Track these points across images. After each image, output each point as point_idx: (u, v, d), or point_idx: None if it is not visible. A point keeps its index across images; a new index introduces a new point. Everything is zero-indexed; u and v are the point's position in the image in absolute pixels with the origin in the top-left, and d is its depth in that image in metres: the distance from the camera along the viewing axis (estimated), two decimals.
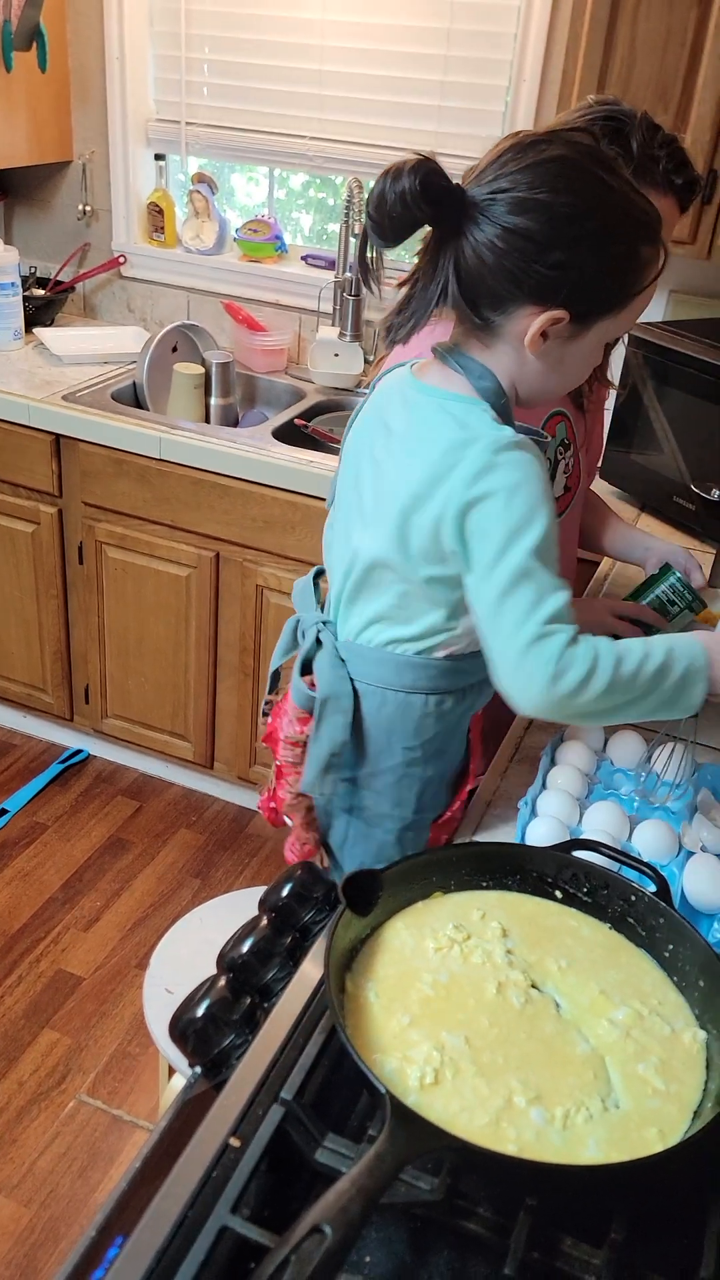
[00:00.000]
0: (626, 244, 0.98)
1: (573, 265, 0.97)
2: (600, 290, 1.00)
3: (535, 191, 0.96)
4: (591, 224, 0.96)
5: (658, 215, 0.99)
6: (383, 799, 1.27)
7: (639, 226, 0.98)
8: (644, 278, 1.00)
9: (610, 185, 0.97)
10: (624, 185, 0.98)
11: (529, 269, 0.97)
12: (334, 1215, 0.62)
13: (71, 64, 2.78)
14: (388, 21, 2.45)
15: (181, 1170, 0.76)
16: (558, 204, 0.95)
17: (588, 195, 0.96)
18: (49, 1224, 1.82)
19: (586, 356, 1.05)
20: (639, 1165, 0.73)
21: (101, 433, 2.41)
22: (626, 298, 1.01)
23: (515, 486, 0.99)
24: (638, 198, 0.98)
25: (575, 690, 0.99)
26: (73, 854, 2.62)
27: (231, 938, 0.97)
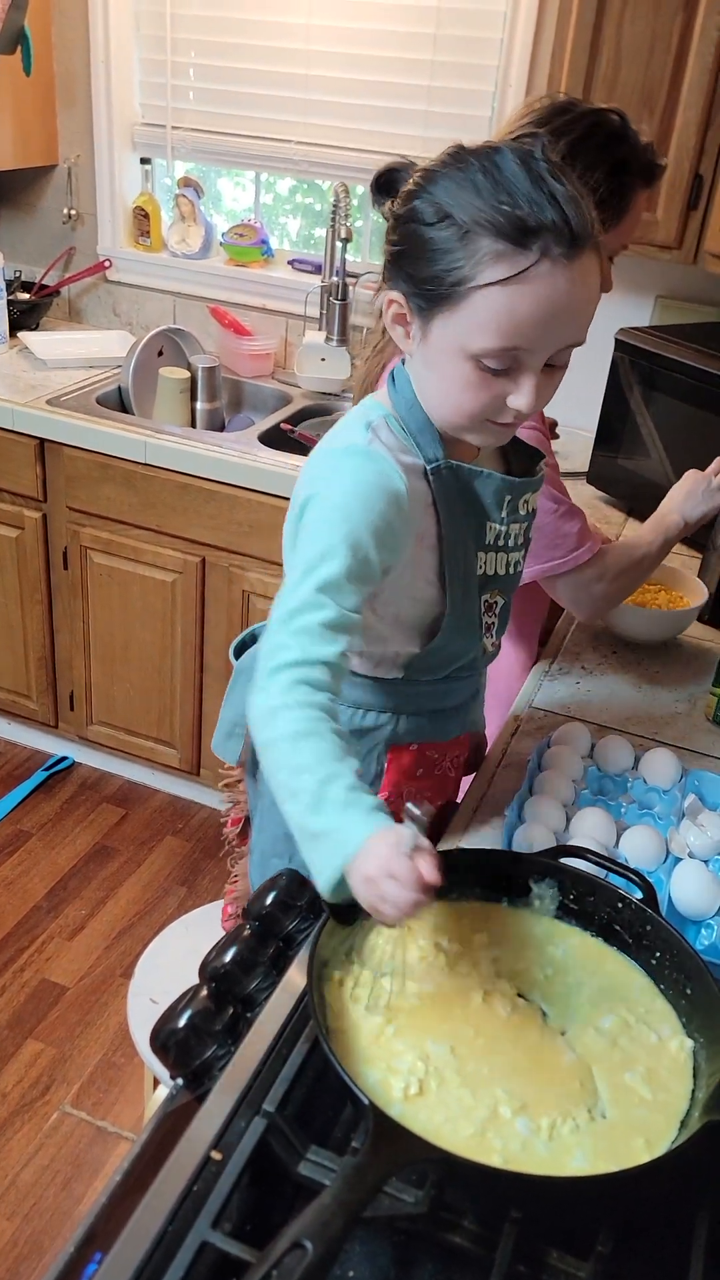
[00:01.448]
0: (462, 229, 0.87)
1: (404, 241, 0.93)
2: (423, 274, 0.91)
3: (420, 181, 0.93)
4: (432, 203, 0.90)
5: (532, 224, 0.86)
6: (265, 795, 1.29)
7: (491, 219, 0.86)
8: (478, 272, 0.87)
9: (487, 179, 0.87)
10: (508, 184, 0.87)
11: (385, 248, 0.97)
12: (315, 1230, 0.61)
13: (57, 67, 2.77)
14: (374, 26, 2.45)
15: (162, 1184, 0.75)
16: (420, 189, 0.92)
17: (453, 181, 0.89)
18: (32, 1237, 1.79)
19: (448, 367, 0.93)
20: (626, 1176, 0.72)
21: (86, 437, 2.39)
22: (456, 290, 0.89)
23: (332, 489, 0.98)
24: (510, 203, 0.86)
25: (259, 741, 0.91)
26: (57, 862, 2.60)
27: (214, 947, 0.96)
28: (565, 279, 0.88)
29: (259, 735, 0.91)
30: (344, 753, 0.88)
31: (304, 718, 0.88)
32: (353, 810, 0.84)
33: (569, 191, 0.88)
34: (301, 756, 0.87)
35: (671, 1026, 0.87)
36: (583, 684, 1.55)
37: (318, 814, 0.85)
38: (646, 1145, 0.77)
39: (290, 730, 0.88)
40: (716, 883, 1.09)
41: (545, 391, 0.95)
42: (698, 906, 1.07)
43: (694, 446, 2.00)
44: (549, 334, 0.90)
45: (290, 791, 0.87)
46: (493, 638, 1.16)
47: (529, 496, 1.12)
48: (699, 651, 1.67)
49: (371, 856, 0.81)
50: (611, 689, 1.55)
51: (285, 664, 0.91)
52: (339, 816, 0.84)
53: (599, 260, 0.92)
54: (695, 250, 1.99)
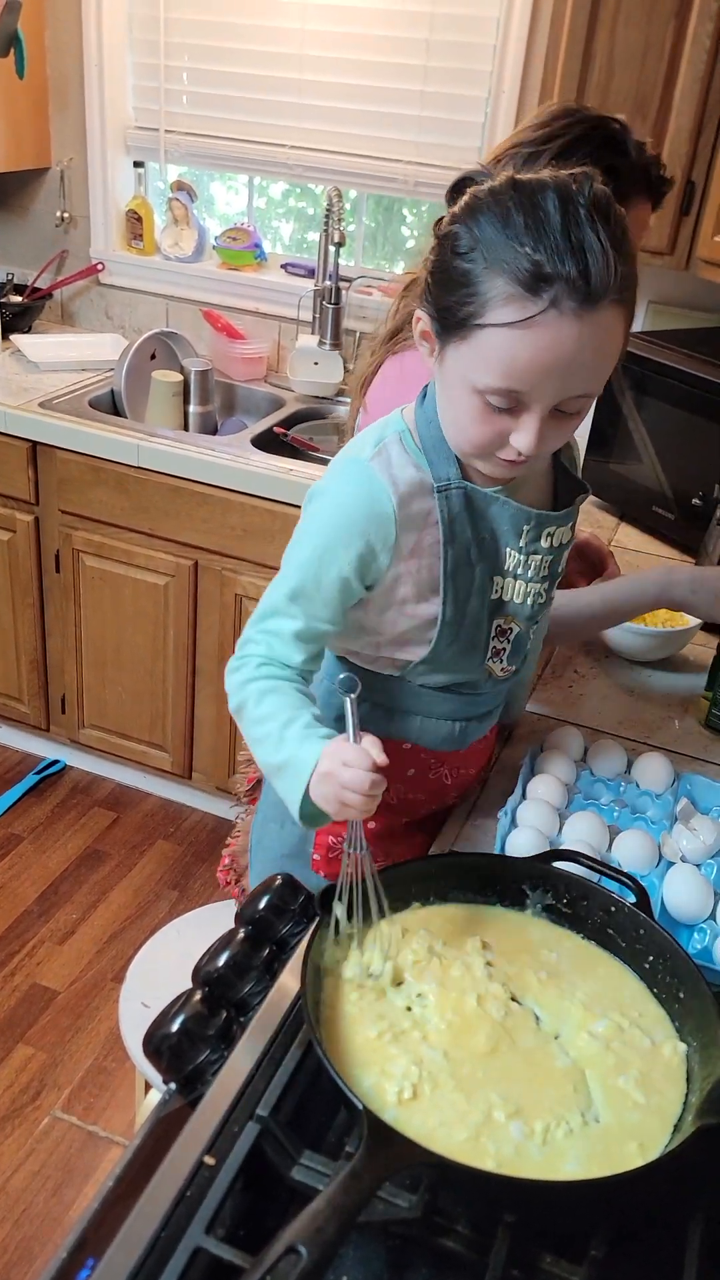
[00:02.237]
0: (483, 265, 0.87)
1: (437, 263, 0.93)
2: (443, 301, 0.91)
3: (467, 206, 0.91)
4: (468, 233, 0.89)
5: (548, 272, 0.85)
6: None
7: (511, 260, 0.85)
8: (487, 311, 0.87)
9: (521, 218, 0.86)
10: (540, 226, 0.85)
11: (424, 263, 0.96)
12: (309, 1235, 0.61)
13: (50, 71, 2.77)
14: (367, 31, 2.46)
15: (155, 1189, 0.75)
16: (464, 215, 0.90)
17: (492, 214, 0.88)
18: (23, 1243, 1.79)
19: (457, 395, 0.94)
20: (619, 1180, 0.72)
21: (79, 440, 2.39)
22: (466, 323, 0.89)
23: (325, 503, 1.04)
24: (533, 247, 0.85)
25: (232, 709, 1.07)
26: (48, 866, 2.59)
27: (207, 951, 0.96)
28: (573, 332, 0.86)
29: (232, 702, 1.06)
30: (304, 702, 1.02)
31: (269, 684, 1.03)
32: (310, 739, 0.96)
33: (600, 242, 0.85)
34: (265, 708, 1.01)
35: (665, 1031, 0.87)
36: (575, 688, 1.56)
37: (280, 749, 0.98)
38: (640, 1149, 0.77)
39: (257, 691, 1.03)
40: (709, 886, 1.10)
41: (552, 436, 0.94)
42: (690, 910, 1.07)
43: (686, 452, 2.01)
44: (551, 383, 0.89)
45: (257, 740, 1.01)
46: (502, 663, 1.13)
47: (555, 530, 1.07)
48: (691, 656, 1.68)
49: (324, 757, 0.93)
50: (604, 693, 1.55)
51: (253, 655, 1.05)
52: (297, 746, 0.97)
53: (623, 315, 0.90)
54: (687, 256, 2.00)
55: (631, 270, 0.89)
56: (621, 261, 0.87)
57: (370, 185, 2.64)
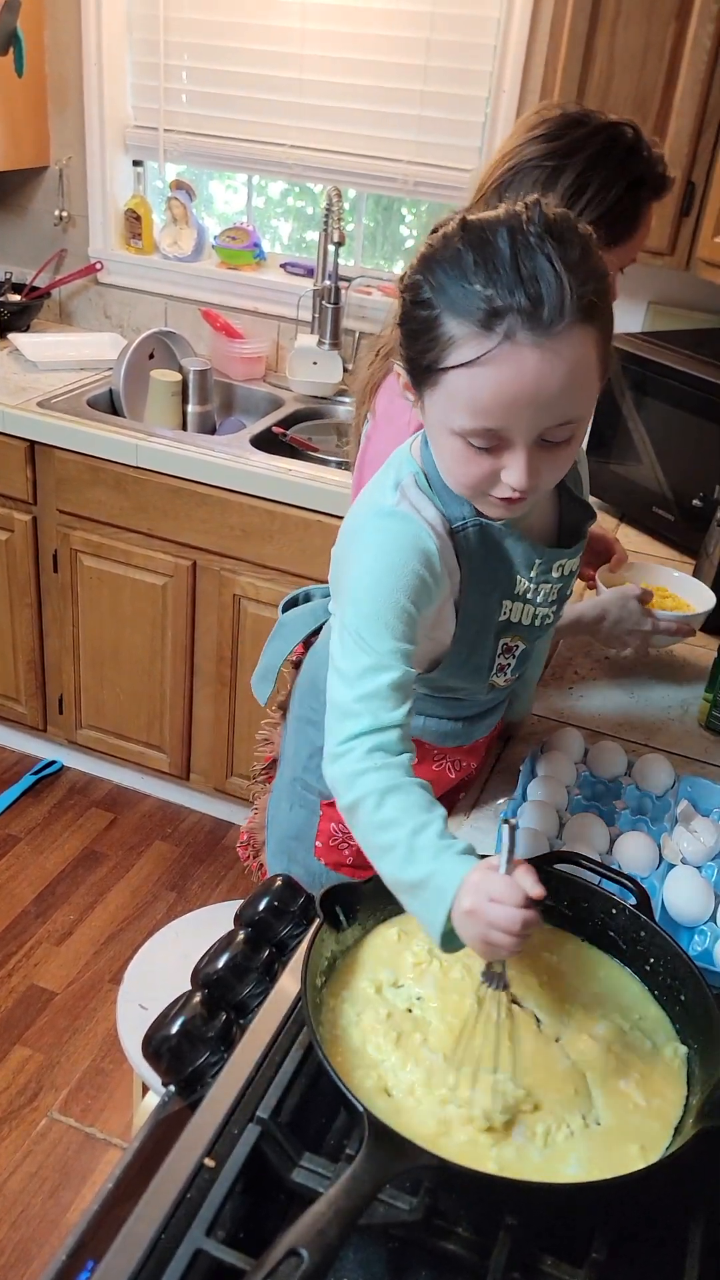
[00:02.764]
0: (436, 311, 0.87)
1: (401, 316, 0.92)
2: (410, 352, 0.91)
3: (424, 255, 0.90)
4: (423, 282, 0.88)
5: (498, 306, 0.84)
6: (290, 742, 1.39)
7: (460, 301, 0.85)
8: (445, 355, 0.87)
9: (471, 256, 0.85)
10: (489, 262, 0.84)
11: (395, 317, 0.95)
12: (311, 1238, 0.61)
13: (49, 69, 2.77)
14: (367, 31, 2.46)
15: (155, 1191, 0.75)
16: (420, 265, 0.89)
17: (444, 260, 0.87)
18: (19, 1245, 1.78)
19: (442, 440, 0.94)
20: (620, 1183, 0.72)
21: (77, 440, 2.38)
22: (431, 369, 0.89)
23: (365, 553, 0.99)
24: (484, 283, 0.84)
25: (344, 806, 0.92)
26: (46, 866, 2.59)
27: (207, 952, 0.95)
28: (534, 361, 0.85)
29: (343, 800, 0.91)
30: (430, 803, 0.87)
31: (387, 776, 0.88)
32: (446, 854, 0.83)
33: (553, 265, 0.84)
34: (387, 812, 0.87)
35: (665, 1033, 0.87)
36: (575, 689, 1.55)
37: (411, 865, 0.84)
38: (641, 1152, 0.77)
39: (375, 788, 0.88)
40: (710, 888, 1.09)
41: (545, 468, 0.92)
42: (691, 912, 1.07)
43: (686, 453, 2.01)
44: (524, 415, 0.88)
45: (381, 849, 0.87)
46: (505, 676, 1.14)
47: (564, 562, 1.08)
48: (691, 657, 1.67)
49: (468, 888, 0.80)
50: (604, 694, 1.55)
51: (359, 733, 0.91)
52: (433, 863, 0.83)
53: (592, 335, 0.88)
54: (687, 256, 2.00)
55: (597, 287, 0.87)
56: (580, 282, 0.84)
57: (369, 185, 2.63)
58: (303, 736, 1.33)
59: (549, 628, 1.14)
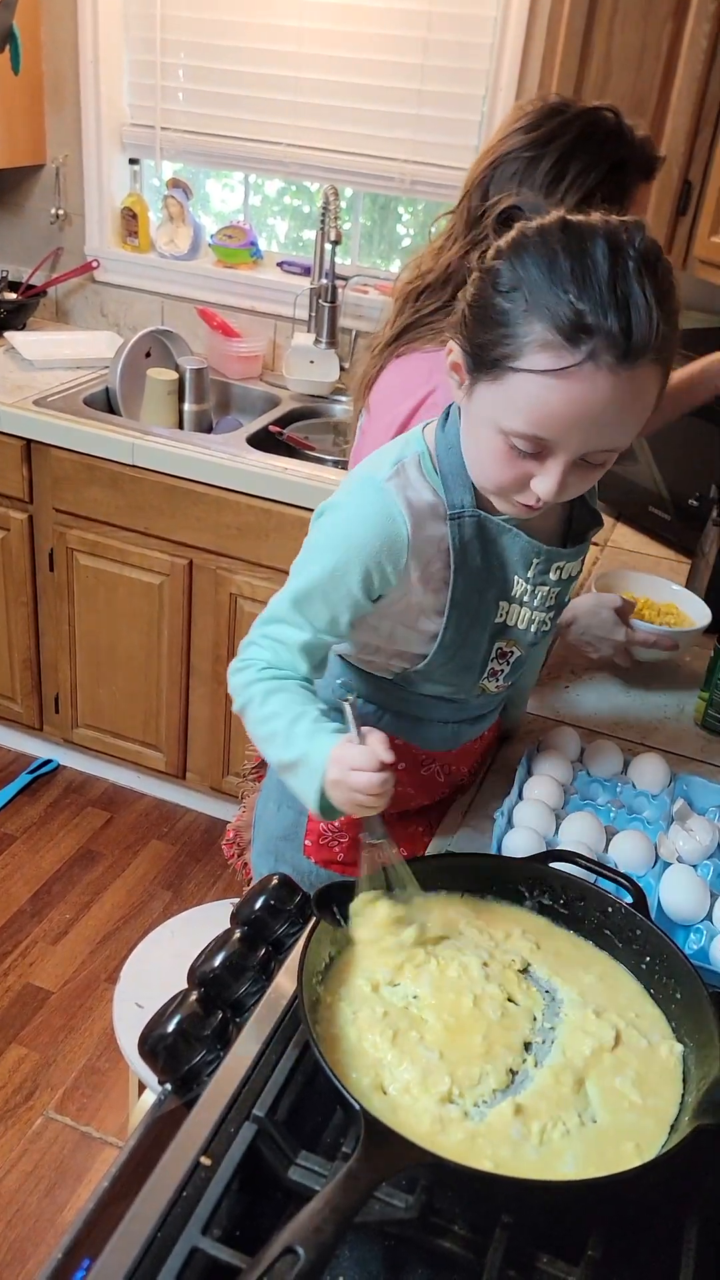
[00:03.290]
0: (524, 307, 0.85)
1: (476, 298, 0.90)
2: (478, 338, 0.89)
3: (512, 242, 0.88)
4: (511, 271, 0.87)
5: (589, 323, 0.82)
6: None
7: (552, 306, 0.83)
8: (523, 355, 0.85)
9: (568, 262, 0.83)
10: (586, 274, 0.83)
11: (463, 294, 0.94)
12: (307, 1236, 0.61)
13: (45, 67, 2.76)
14: (364, 30, 2.46)
15: (151, 1190, 0.75)
16: (508, 252, 0.88)
17: (538, 254, 0.85)
18: (15, 1244, 1.78)
19: (483, 433, 0.93)
20: (616, 1180, 0.72)
21: (73, 438, 2.38)
22: (499, 364, 0.87)
23: (335, 516, 1.04)
24: (577, 295, 0.83)
25: (236, 709, 1.07)
26: (41, 865, 2.59)
27: (203, 951, 0.95)
28: (608, 387, 0.84)
29: (236, 704, 1.06)
30: (309, 698, 1.02)
31: (274, 683, 1.03)
32: (319, 734, 0.97)
33: (646, 298, 0.83)
34: (271, 706, 1.02)
35: (661, 1031, 0.87)
36: (571, 688, 1.55)
37: (289, 747, 0.99)
38: (637, 1150, 0.77)
39: (261, 690, 1.03)
40: (705, 887, 1.09)
41: (575, 484, 0.92)
42: (687, 911, 1.07)
43: (682, 453, 2.01)
44: (581, 435, 0.88)
45: (265, 738, 1.02)
46: (498, 681, 1.13)
47: (565, 564, 1.07)
48: (687, 656, 1.67)
49: (332, 760, 0.94)
50: (600, 693, 1.55)
51: (256, 658, 1.05)
52: (307, 743, 0.97)
53: (660, 373, 0.88)
54: (684, 256, 2.00)
55: (674, 329, 0.86)
56: (664, 320, 0.84)
57: (366, 184, 2.63)
58: None
59: (545, 636, 1.13)
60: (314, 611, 1.03)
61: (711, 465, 1.92)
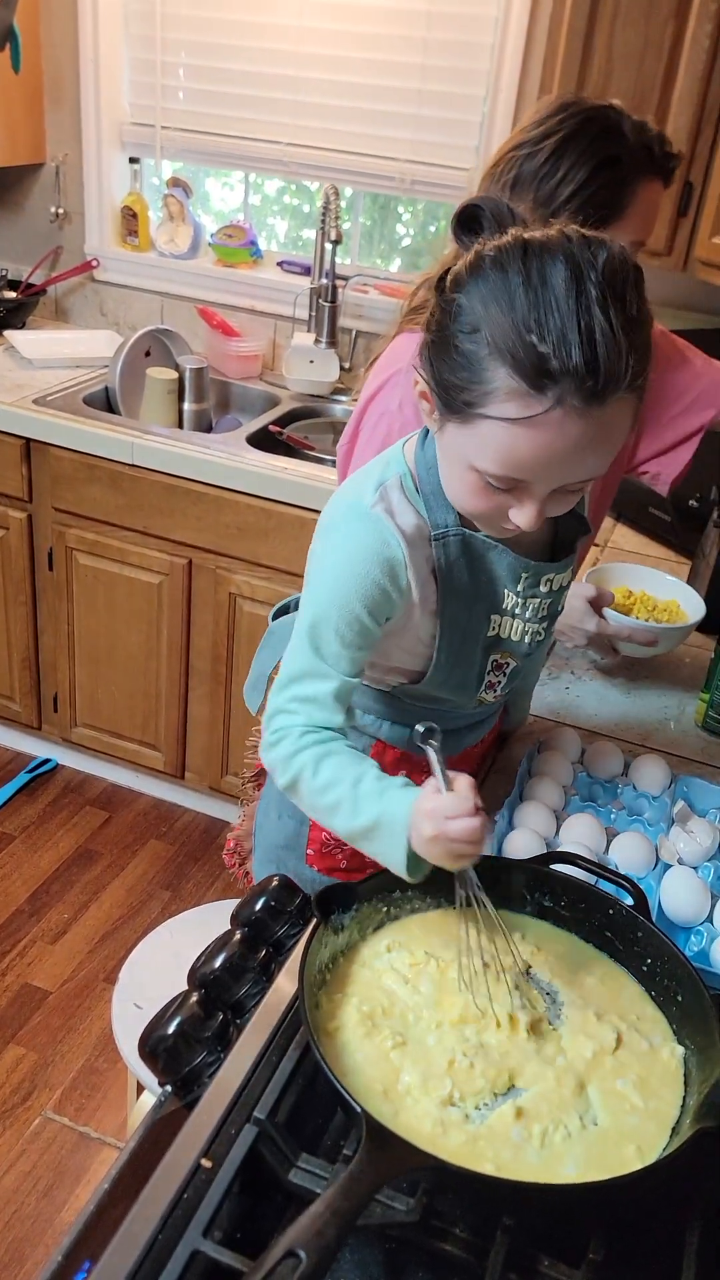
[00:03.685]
0: (485, 349, 0.82)
1: (439, 333, 0.87)
2: (443, 377, 0.87)
3: (469, 270, 0.85)
4: (470, 307, 0.83)
5: (553, 367, 0.79)
6: None
7: (514, 350, 0.80)
8: (489, 403, 0.83)
9: (528, 294, 0.80)
10: (547, 306, 0.79)
11: (427, 322, 0.91)
12: (309, 1239, 0.61)
13: (45, 65, 2.76)
14: (365, 30, 2.45)
15: (151, 1192, 0.74)
16: (466, 282, 0.84)
17: (495, 286, 0.82)
18: (13, 1245, 1.78)
19: (456, 469, 0.92)
20: (617, 1184, 0.72)
21: (73, 437, 2.38)
22: (467, 409, 0.85)
23: (330, 553, 1.00)
24: (539, 336, 0.79)
25: (284, 786, 1.01)
26: (40, 865, 2.58)
27: (203, 952, 0.95)
28: (578, 429, 0.82)
29: (281, 780, 1.00)
30: (360, 757, 0.97)
31: (320, 749, 0.97)
32: (389, 793, 0.91)
33: (612, 328, 0.79)
34: (325, 774, 0.96)
35: (663, 1034, 0.87)
36: (572, 689, 1.55)
37: (360, 813, 0.92)
38: (638, 1153, 0.77)
39: (309, 760, 0.97)
40: (706, 889, 1.09)
41: (555, 508, 0.92)
42: (687, 913, 1.07)
43: None
44: (554, 472, 0.86)
45: (329, 809, 0.95)
46: (495, 692, 1.12)
47: (555, 576, 1.05)
48: (688, 658, 1.68)
49: (421, 818, 0.87)
50: (600, 694, 1.55)
51: (292, 726, 0.99)
52: (378, 804, 0.91)
53: (633, 401, 0.85)
54: (685, 257, 2.00)
55: (644, 355, 0.83)
56: (633, 350, 0.81)
57: (367, 183, 2.63)
58: None
59: (541, 645, 1.12)
60: (334, 656, 0.99)
61: (712, 466, 1.91)
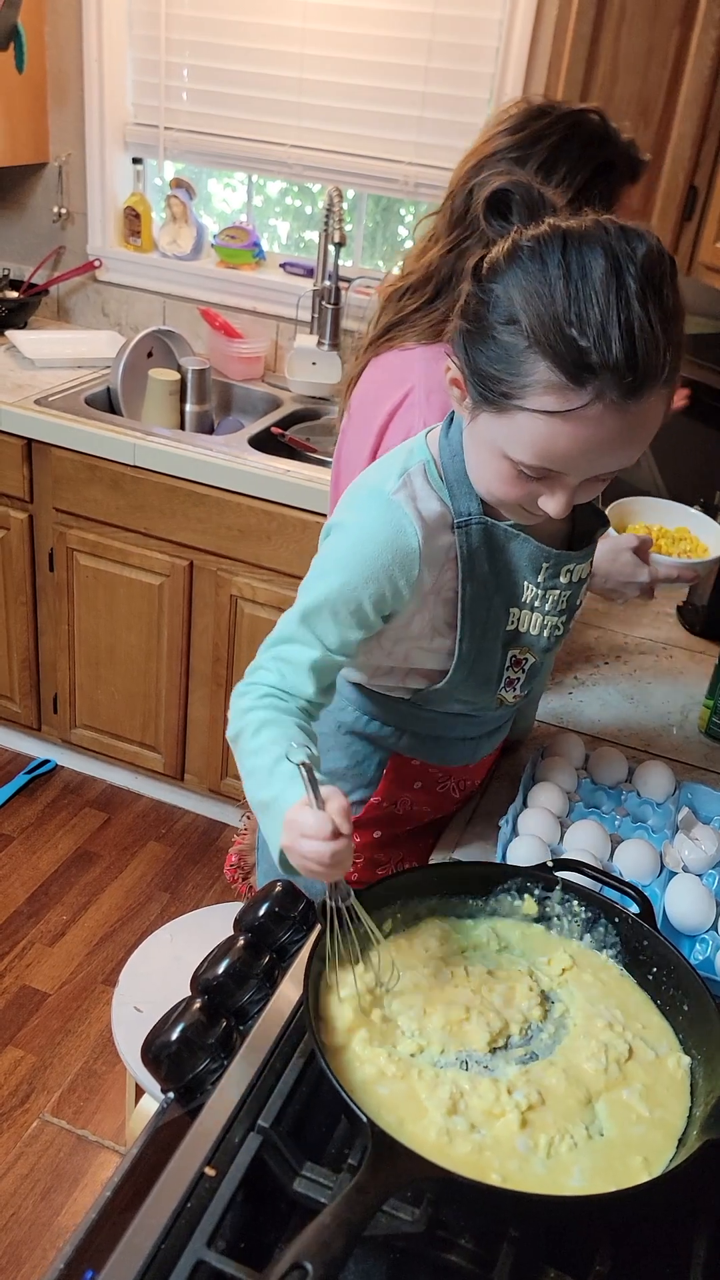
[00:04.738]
0: (524, 341, 0.82)
1: (475, 322, 0.87)
2: (479, 367, 0.87)
3: (506, 258, 0.85)
4: (506, 296, 0.84)
5: (593, 361, 0.80)
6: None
7: (553, 342, 0.80)
8: (527, 395, 0.83)
9: (566, 285, 0.80)
10: (585, 298, 0.80)
11: (460, 309, 0.91)
12: (316, 1251, 0.60)
13: (49, 65, 2.75)
14: (369, 32, 2.45)
15: (155, 1200, 0.74)
16: (503, 270, 0.85)
17: (532, 276, 0.82)
18: (10, 1248, 1.77)
19: (487, 457, 0.92)
20: (624, 1195, 0.71)
21: (74, 438, 2.37)
22: (504, 400, 0.85)
23: (345, 533, 1.00)
24: (579, 330, 0.80)
25: (229, 735, 1.00)
26: (39, 866, 2.58)
27: (206, 958, 0.95)
28: (616, 422, 0.83)
29: (230, 729, 0.99)
30: (301, 739, 0.92)
31: (269, 714, 0.96)
32: (297, 783, 0.87)
33: (651, 324, 0.80)
34: (260, 740, 0.95)
35: (669, 1043, 0.87)
36: (575, 694, 1.55)
37: (266, 786, 0.92)
38: (645, 1164, 0.76)
39: (256, 720, 0.96)
40: (711, 897, 1.09)
41: (583, 495, 0.92)
42: (693, 921, 1.07)
43: (685, 458, 2.00)
44: (588, 463, 0.87)
45: (248, 772, 0.95)
46: (515, 691, 1.12)
47: (575, 566, 1.05)
48: (691, 663, 1.67)
49: (286, 824, 0.86)
50: (604, 700, 1.54)
51: (262, 683, 0.99)
52: (283, 789, 0.89)
53: (667, 395, 0.86)
54: (689, 262, 2.00)
55: (680, 350, 0.84)
56: (670, 345, 0.82)
57: (370, 185, 2.63)
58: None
59: (559, 640, 1.12)
60: (324, 629, 0.99)
61: (715, 470, 1.91)
